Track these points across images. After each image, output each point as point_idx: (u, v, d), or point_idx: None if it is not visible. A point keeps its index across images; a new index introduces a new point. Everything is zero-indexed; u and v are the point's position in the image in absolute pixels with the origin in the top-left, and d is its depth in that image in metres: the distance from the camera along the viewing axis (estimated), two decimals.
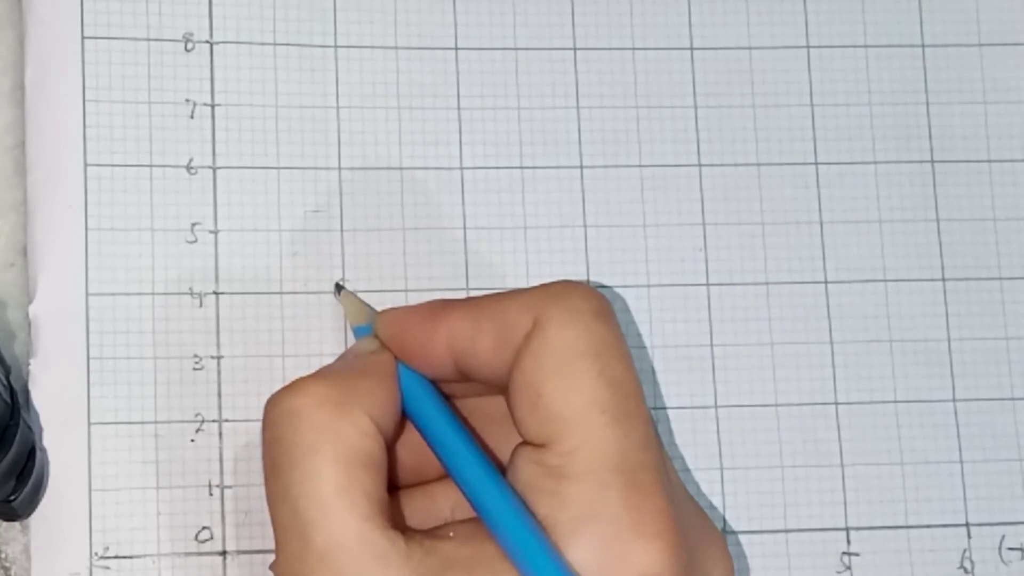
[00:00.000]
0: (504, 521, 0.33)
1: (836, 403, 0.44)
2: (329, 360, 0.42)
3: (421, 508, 0.38)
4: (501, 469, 0.36)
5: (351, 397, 0.35)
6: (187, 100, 0.43)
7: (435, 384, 0.37)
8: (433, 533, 0.35)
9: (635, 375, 0.35)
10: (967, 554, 0.44)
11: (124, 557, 0.41)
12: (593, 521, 0.33)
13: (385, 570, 0.33)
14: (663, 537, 0.33)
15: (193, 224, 0.43)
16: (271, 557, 0.41)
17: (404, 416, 0.37)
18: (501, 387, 0.36)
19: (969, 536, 0.44)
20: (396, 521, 0.35)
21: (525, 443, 0.35)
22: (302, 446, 0.34)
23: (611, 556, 0.33)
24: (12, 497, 0.39)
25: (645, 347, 0.44)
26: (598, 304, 0.35)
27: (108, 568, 0.41)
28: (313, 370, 0.42)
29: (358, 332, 0.40)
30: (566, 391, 0.34)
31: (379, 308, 0.43)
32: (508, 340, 0.35)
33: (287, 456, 0.34)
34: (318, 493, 0.34)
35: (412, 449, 0.38)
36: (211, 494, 0.41)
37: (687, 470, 0.43)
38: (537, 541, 0.33)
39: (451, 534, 0.34)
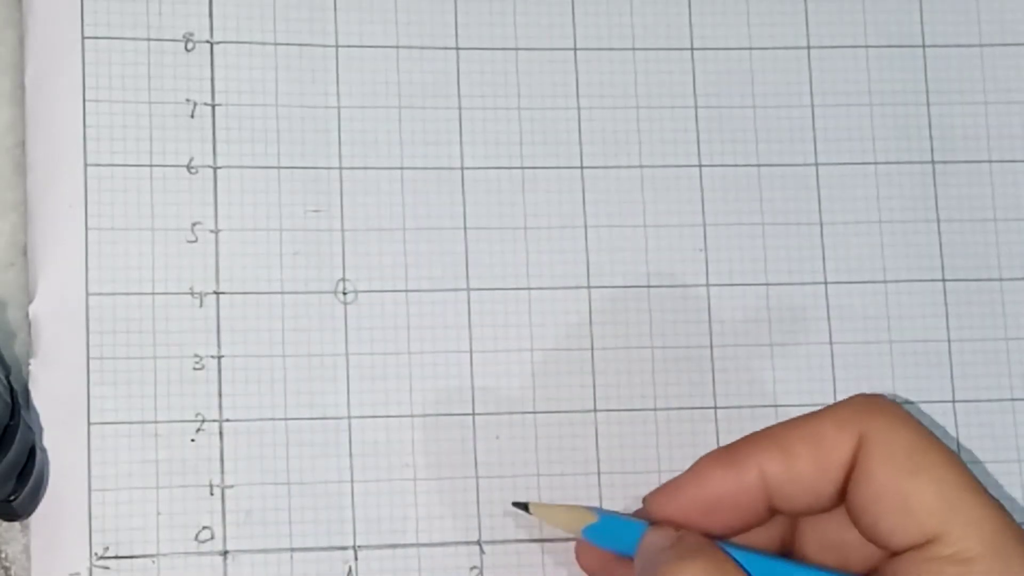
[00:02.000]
0: None
1: None
2: (329, 360, 0.42)
3: None
4: None
5: None
6: (187, 100, 0.43)
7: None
8: None
9: None
10: None
11: (124, 557, 0.41)
12: None
13: None
14: None
15: (193, 224, 0.43)
16: (271, 557, 0.41)
17: None
18: (821, 508, 0.37)
19: None
20: None
21: (897, 553, 0.35)
22: None
23: None
24: (12, 497, 0.39)
25: (645, 347, 0.44)
26: (894, 403, 0.37)
27: (108, 568, 0.41)
28: (313, 370, 0.42)
29: (591, 533, 0.39)
30: (932, 483, 0.35)
31: (379, 310, 0.43)
32: (830, 459, 0.36)
33: None
34: None
35: None
36: (211, 494, 0.41)
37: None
38: None
39: None
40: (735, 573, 0.35)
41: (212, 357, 0.42)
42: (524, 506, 0.40)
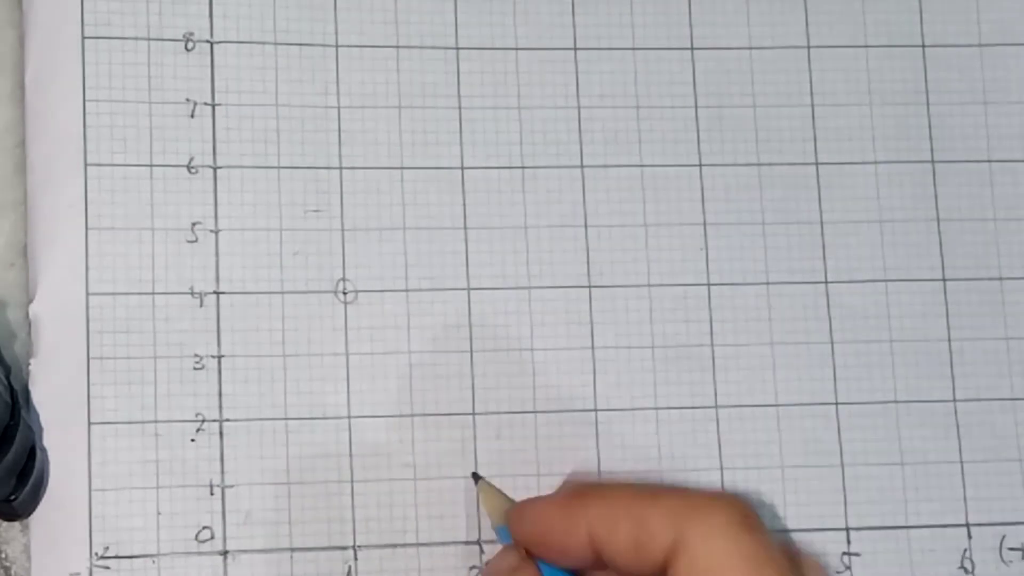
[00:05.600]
0: None
1: (836, 403, 0.44)
2: (329, 360, 0.42)
3: None
4: None
5: None
6: (187, 100, 0.43)
7: None
8: None
9: None
10: (967, 554, 0.44)
11: (124, 557, 0.41)
12: None
13: None
14: None
15: (193, 224, 0.43)
16: (271, 557, 0.41)
17: None
18: None
19: (969, 536, 0.44)
20: None
21: None
22: None
23: None
24: (12, 497, 0.39)
25: (646, 347, 0.44)
26: (742, 515, 0.36)
27: (108, 568, 0.41)
28: (313, 370, 0.42)
29: (500, 532, 0.40)
30: None
31: (379, 310, 0.43)
32: (648, 546, 0.36)
33: None
34: None
35: None
36: (211, 494, 0.41)
37: (687, 470, 0.43)
38: None
39: None
40: None
41: (212, 357, 0.42)
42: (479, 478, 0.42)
